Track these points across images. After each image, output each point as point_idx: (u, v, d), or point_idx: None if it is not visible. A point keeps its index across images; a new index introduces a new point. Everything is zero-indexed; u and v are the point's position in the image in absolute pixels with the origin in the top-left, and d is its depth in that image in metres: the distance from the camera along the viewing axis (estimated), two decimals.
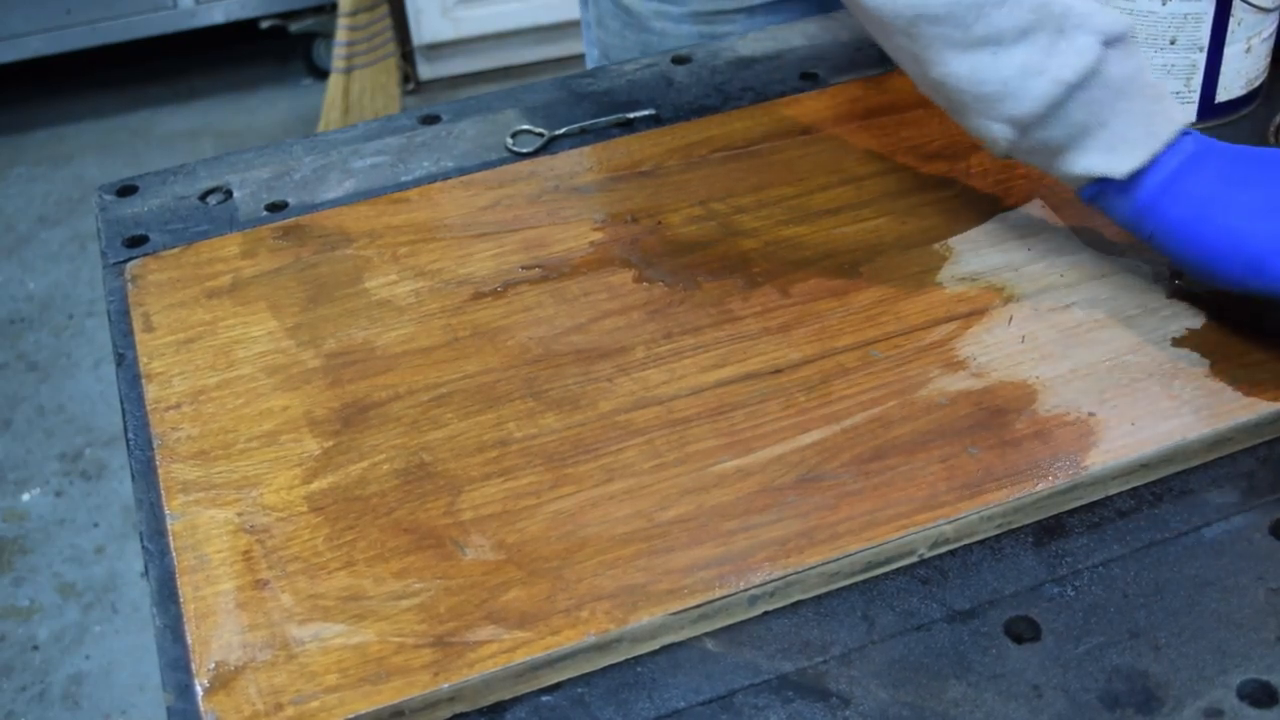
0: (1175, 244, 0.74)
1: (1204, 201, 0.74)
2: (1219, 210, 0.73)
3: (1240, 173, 0.74)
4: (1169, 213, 0.74)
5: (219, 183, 0.96)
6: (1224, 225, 0.73)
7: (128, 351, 0.82)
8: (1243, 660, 0.61)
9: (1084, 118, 0.74)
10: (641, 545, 0.66)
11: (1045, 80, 0.74)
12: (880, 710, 0.60)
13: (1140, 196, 0.75)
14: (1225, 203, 0.73)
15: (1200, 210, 0.74)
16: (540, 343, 0.79)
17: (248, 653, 0.62)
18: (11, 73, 2.74)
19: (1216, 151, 0.75)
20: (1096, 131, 0.75)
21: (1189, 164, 0.74)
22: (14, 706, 1.72)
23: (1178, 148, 0.74)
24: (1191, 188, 0.74)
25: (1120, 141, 0.74)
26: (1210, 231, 0.73)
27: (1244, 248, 0.72)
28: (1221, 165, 0.74)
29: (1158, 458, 0.70)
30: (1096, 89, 0.74)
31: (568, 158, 0.95)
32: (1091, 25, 0.74)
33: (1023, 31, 0.74)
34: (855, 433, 0.72)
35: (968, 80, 0.76)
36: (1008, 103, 0.75)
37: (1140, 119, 0.74)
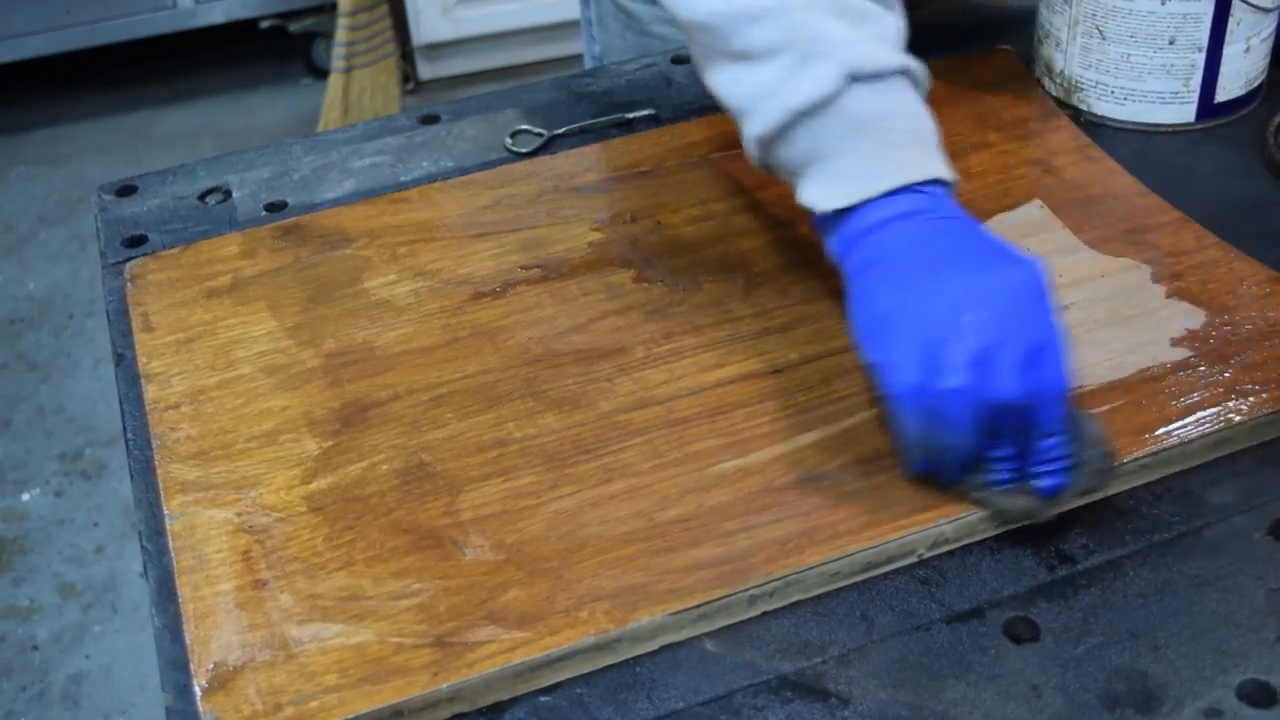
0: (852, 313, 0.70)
1: (870, 261, 0.70)
2: (872, 273, 0.69)
3: (922, 245, 0.69)
4: (849, 261, 0.71)
5: (218, 183, 0.96)
6: (863, 288, 0.69)
7: (127, 351, 0.82)
8: (1242, 660, 0.61)
9: (811, 147, 0.72)
10: (641, 545, 0.66)
11: (777, 103, 0.72)
12: (879, 710, 0.60)
13: (839, 238, 0.72)
14: (881, 268, 0.69)
15: (864, 267, 0.70)
16: (540, 343, 0.79)
17: (247, 653, 0.62)
18: (11, 73, 2.74)
19: (933, 217, 0.70)
20: (820, 163, 0.72)
21: (891, 221, 0.70)
22: (14, 706, 1.72)
23: (892, 200, 0.70)
24: (875, 243, 0.70)
25: (837, 178, 0.72)
26: (854, 291, 0.70)
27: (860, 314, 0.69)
28: (919, 233, 0.69)
29: (1158, 458, 0.70)
30: (827, 120, 0.71)
31: (567, 158, 0.95)
32: (839, 57, 0.71)
33: (771, 51, 0.73)
34: (855, 433, 0.72)
35: (724, 91, 0.76)
36: (748, 119, 0.74)
37: (865, 160, 0.71)
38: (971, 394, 0.64)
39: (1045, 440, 0.65)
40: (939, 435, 0.65)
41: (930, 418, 0.65)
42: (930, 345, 0.64)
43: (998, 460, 0.66)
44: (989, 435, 0.65)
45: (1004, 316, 0.65)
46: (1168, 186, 0.88)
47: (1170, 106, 0.95)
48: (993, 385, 0.64)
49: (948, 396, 0.64)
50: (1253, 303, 0.78)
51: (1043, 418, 0.65)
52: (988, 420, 0.64)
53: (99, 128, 2.80)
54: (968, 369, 0.63)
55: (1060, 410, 0.65)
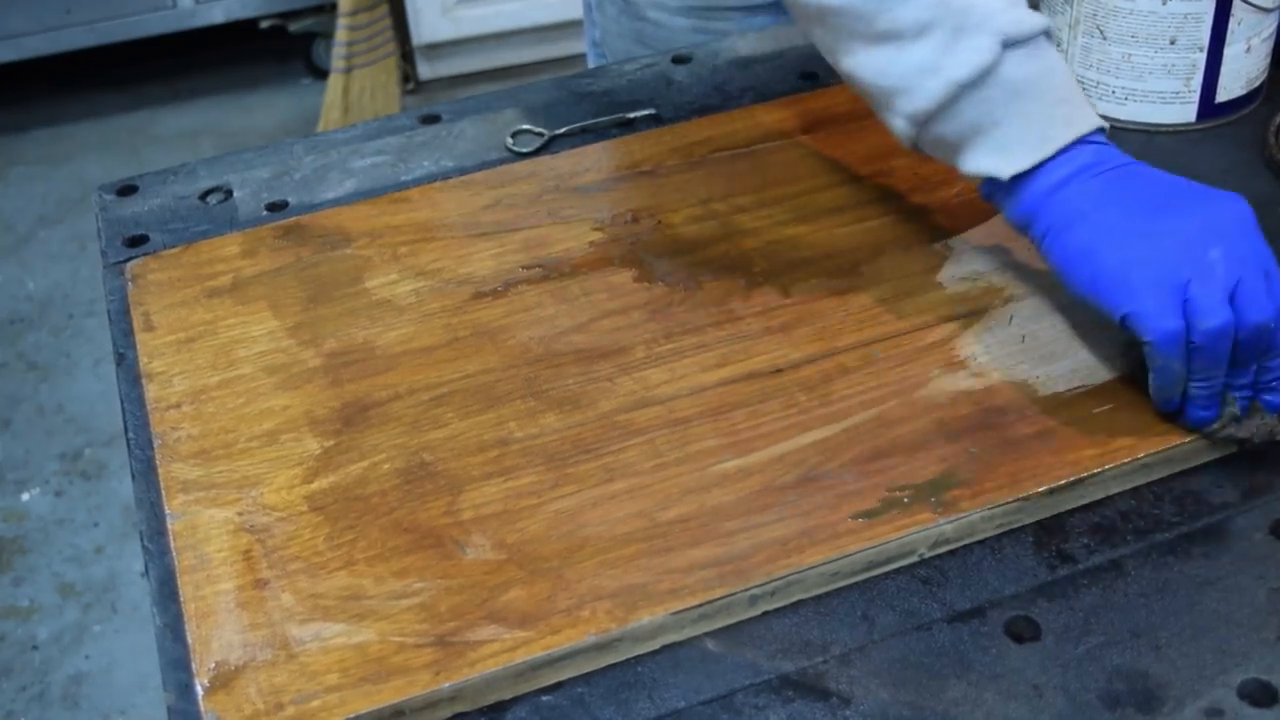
0: (1045, 253, 0.74)
1: (1073, 216, 0.72)
2: (1083, 227, 0.71)
3: (1121, 193, 0.72)
4: (1043, 221, 0.73)
5: (219, 182, 0.96)
6: (1079, 244, 0.71)
7: (128, 351, 0.82)
8: (1243, 660, 0.61)
9: (977, 117, 0.74)
10: (642, 545, 0.66)
11: (940, 78, 0.73)
12: (880, 710, 0.60)
13: (1024, 200, 0.74)
14: (1092, 221, 0.71)
15: (1067, 224, 0.72)
16: (541, 342, 0.79)
17: (248, 652, 0.62)
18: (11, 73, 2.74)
19: (1111, 166, 0.73)
20: (989, 131, 0.74)
21: (1076, 175, 0.72)
22: (14, 706, 1.72)
23: (1070, 156, 0.73)
24: (1069, 199, 0.72)
25: (1010, 143, 0.73)
26: (1068, 247, 0.72)
27: (1086, 269, 0.71)
28: (1108, 182, 0.72)
29: (1158, 458, 0.70)
30: (991, 89, 0.73)
31: (568, 157, 0.95)
32: (991, 26, 0.72)
33: (922, 28, 0.73)
34: (856, 432, 0.72)
35: (870, 73, 0.76)
36: (905, 98, 0.75)
37: (1035, 123, 0.73)
38: (1230, 327, 0.67)
39: (1275, 359, 0.69)
40: (1202, 370, 0.68)
41: (1196, 355, 0.67)
42: (1182, 288, 0.67)
43: (1237, 387, 0.69)
44: (1234, 360, 0.68)
45: (1239, 247, 0.68)
46: None
47: (1171, 106, 0.95)
48: (1247, 314, 0.67)
49: (1213, 334, 0.67)
50: None
51: (1275, 340, 0.68)
52: (1239, 348, 0.67)
53: (99, 128, 2.80)
54: (1225, 305, 0.67)
55: None
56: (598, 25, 1.21)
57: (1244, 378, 0.69)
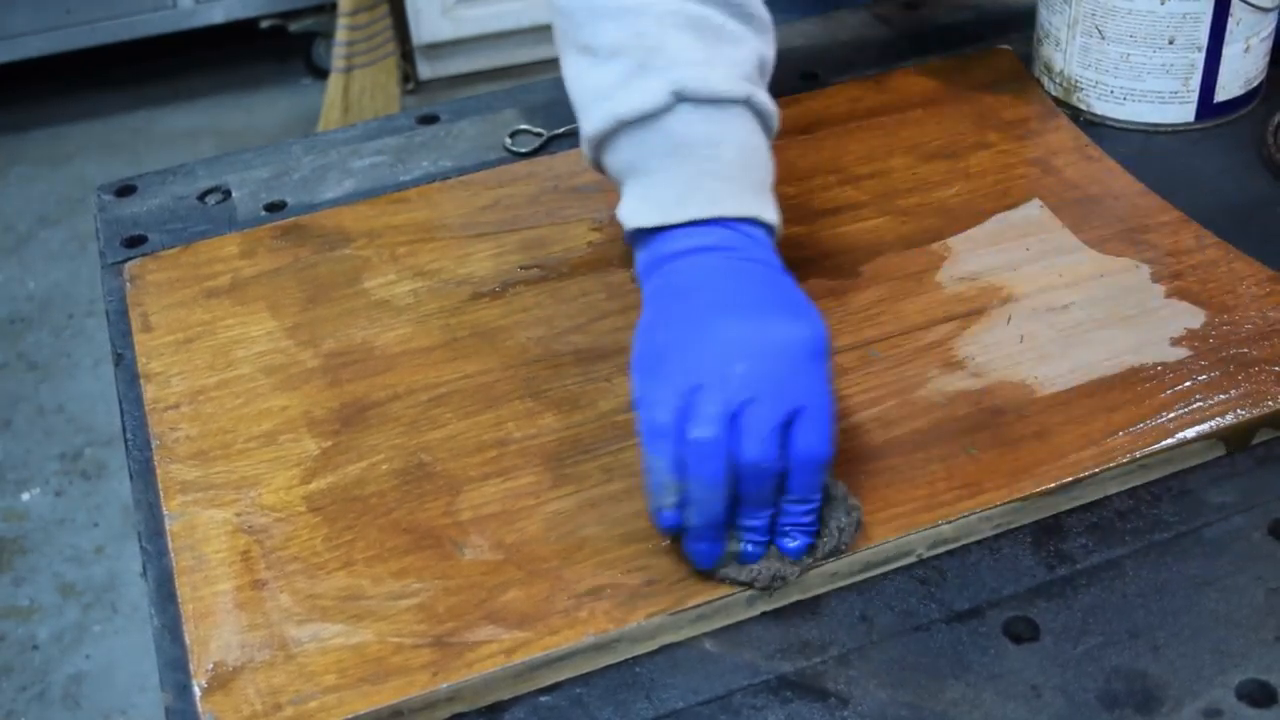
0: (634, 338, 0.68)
1: (660, 290, 0.68)
2: (656, 304, 0.68)
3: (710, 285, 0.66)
4: (649, 283, 0.69)
5: (218, 183, 0.96)
6: (649, 317, 0.67)
7: (126, 351, 0.82)
8: (1241, 660, 0.61)
9: (631, 159, 0.71)
10: (641, 545, 0.66)
11: (608, 106, 0.70)
12: (879, 710, 0.60)
13: (642, 257, 0.71)
14: (666, 300, 0.67)
15: (652, 295, 0.68)
16: (539, 343, 0.79)
17: (246, 653, 0.62)
18: (11, 73, 2.74)
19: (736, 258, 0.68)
20: (638, 177, 0.71)
21: (692, 252, 0.68)
22: (14, 706, 1.72)
23: (702, 230, 0.68)
24: (668, 273, 0.68)
25: (650, 196, 0.70)
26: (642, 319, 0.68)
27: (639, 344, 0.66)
28: (710, 271, 0.67)
29: (1156, 458, 0.70)
30: (651, 135, 0.70)
31: (567, 158, 0.95)
32: (672, 74, 0.69)
33: (614, 52, 0.71)
34: (854, 432, 0.72)
35: (568, 83, 0.75)
36: (583, 116, 0.73)
37: (679, 185, 0.69)
38: (720, 448, 0.60)
39: (795, 505, 0.63)
40: (686, 485, 0.62)
41: (678, 464, 0.61)
42: (690, 390, 0.62)
43: (747, 528, 0.63)
44: (740, 495, 0.62)
45: (771, 373, 0.62)
46: (1167, 186, 0.88)
47: (1170, 106, 0.95)
48: (743, 444, 0.61)
49: (696, 445, 0.61)
50: (1252, 302, 0.78)
51: (795, 483, 0.62)
52: (736, 478, 0.61)
53: (99, 128, 2.80)
54: (719, 421, 0.60)
55: (814, 479, 0.63)
56: None
57: (755, 518, 0.63)
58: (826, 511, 0.64)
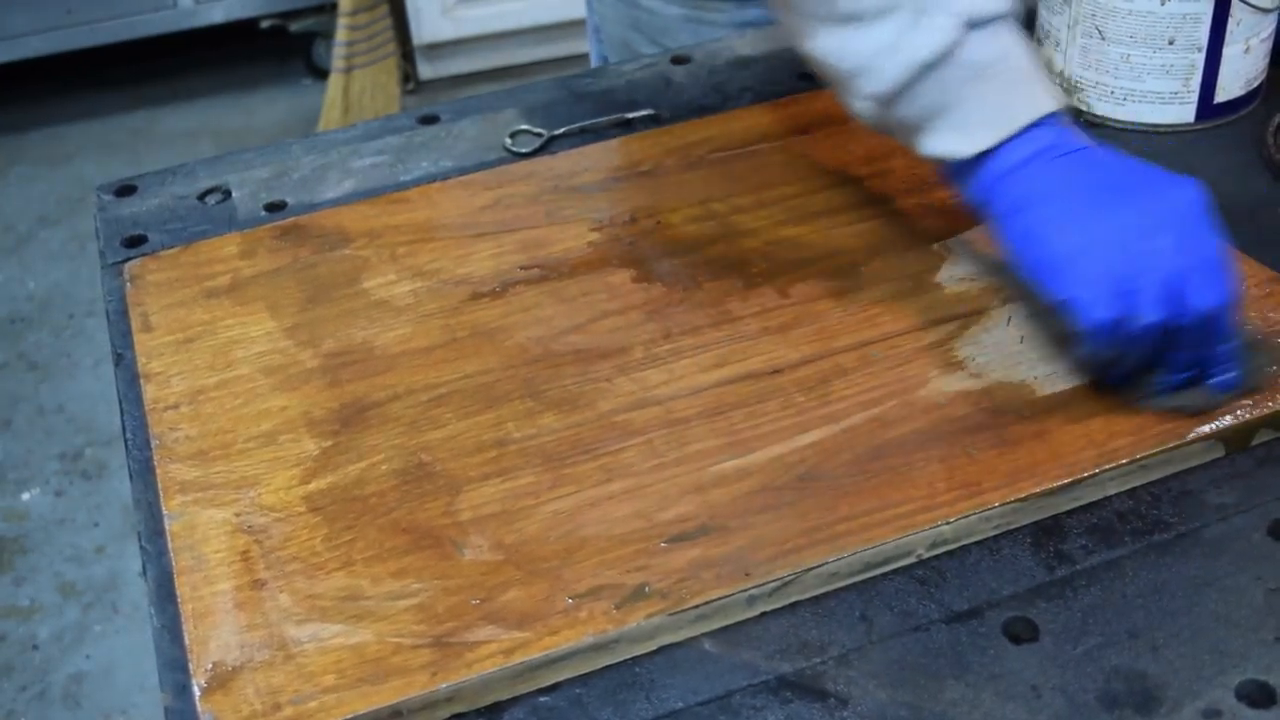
0: (999, 235, 0.74)
1: (1027, 199, 0.72)
2: (1035, 211, 0.71)
3: (1075, 178, 0.71)
4: (999, 202, 0.73)
5: (218, 182, 0.96)
6: (1029, 228, 0.71)
7: (126, 351, 0.82)
8: (1241, 660, 0.61)
9: (937, 98, 0.74)
10: (640, 545, 0.66)
11: (900, 59, 0.73)
12: (878, 711, 0.60)
13: (981, 181, 0.74)
14: (1044, 205, 0.71)
15: (1021, 206, 0.72)
16: (539, 343, 0.79)
17: (245, 653, 0.62)
18: (11, 73, 2.74)
19: (1069, 150, 0.72)
20: (948, 112, 0.74)
21: (1034, 158, 0.72)
22: (14, 706, 1.72)
23: (1029, 137, 0.72)
24: (1025, 181, 0.72)
25: (970, 124, 0.73)
26: (1020, 230, 0.72)
27: (1033, 254, 0.71)
28: (1064, 167, 0.72)
29: (1155, 459, 0.70)
30: (952, 70, 0.73)
31: (567, 158, 0.95)
32: (953, 6, 0.72)
33: (883, 9, 0.73)
34: (854, 433, 0.72)
35: (832, 55, 0.76)
36: (866, 79, 0.75)
37: (994, 103, 0.73)
38: (1164, 321, 0.67)
39: (1222, 345, 0.69)
40: (1131, 359, 0.69)
41: (1126, 344, 0.68)
42: (1121, 279, 0.67)
43: (1177, 366, 0.70)
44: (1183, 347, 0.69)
45: (1181, 241, 0.68)
46: None
47: (1170, 107, 0.95)
48: (1183, 309, 0.67)
49: (1145, 329, 0.67)
50: (1252, 303, 0.78)
51: (1220, 327, 0.69)
52: (1175, 338, 0.68)
53: (99, 128, 2.80)
54: (1160, 301, 0.67)
55: (1232, 317, 0.69)
56: (596, 12, 1.22)
57: (1180, 356, 0.70)
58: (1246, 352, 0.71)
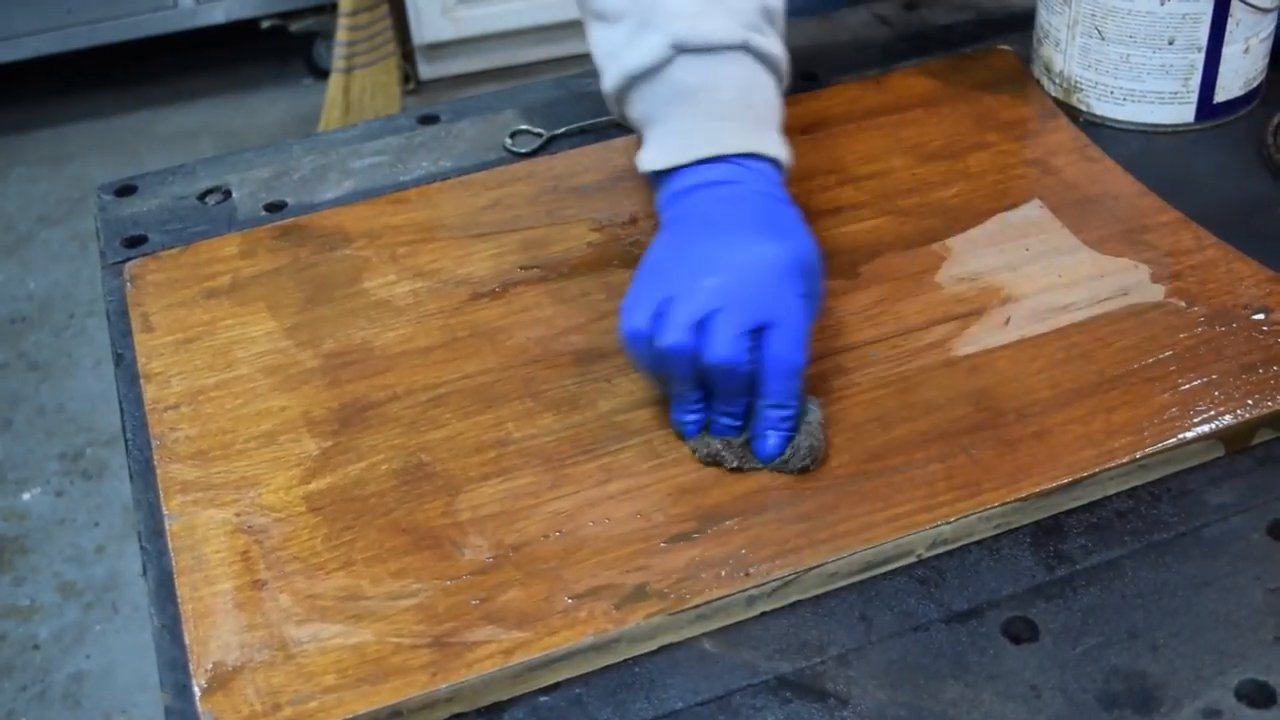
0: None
1: (671, 220, 0.74)
2: (664, 232, 0.74)
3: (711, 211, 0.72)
4: (661, 221, 0.75)
5: (218, 183, 0.96)
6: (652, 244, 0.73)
7: (126, 352, 0.82)
8: (1241, 660, 0.61)
9: (645, 110, 0.78)
10: (640, 545, 0.66)
11: (618, 66, 0.78)
12: (878, 711, 0.60)
13: (659, 196, 0.77)
14: (673, 228, 0.73)
15: (665, 226, 0.74)
16: (539, 343, 0.79)
17: (246, 653, 0.62)
18: (11, 73, 2.74)
19: (728, 193, 0.73)
20: (652, 126, 0.77)
21: (697, 188, 0.74)
22: (14, 706, 1.72)
23: (703, 169, 0.74)
24: (679, 206, 0.74)
25: (662, 142, 0.76)
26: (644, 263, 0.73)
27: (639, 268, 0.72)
28: (712, 199, 0.73)
29: (1156, 458, 0.70)
30: (657, 87, 0.76)
31: (567, 158, 0.95)
32: (670, 28, 0.75)
33: (618, 15, 0.78)
34: (854, 433, 0.72)
35: (590, 48, 0.81)
36: (601, 77, 0.80)
37: (685, 129, 0.75)
38: (685, 351, 0.68)
39: (770, 410, 0.69)
40: (665, 382, 0.71)
41: (656, 363, 0.69)
42: (664, 301, 0.69)
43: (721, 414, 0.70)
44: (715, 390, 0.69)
45: (741, 286, 0.68)
46: (1167, 187, 0.88)
47: (1169, 107, 0.95)
48: (708, 347, 0.68)
49: (663, 351, 0.68)
50: (1252, 303, 0.78)
51: (768, 389, 0.69)
52: (708, 377, 0.69)
53: (99, 128, 2.80)
54: (686, 329, 0.68)
55: (786, 385, 0.69)
56: None
57: (727, 410, 0.70)
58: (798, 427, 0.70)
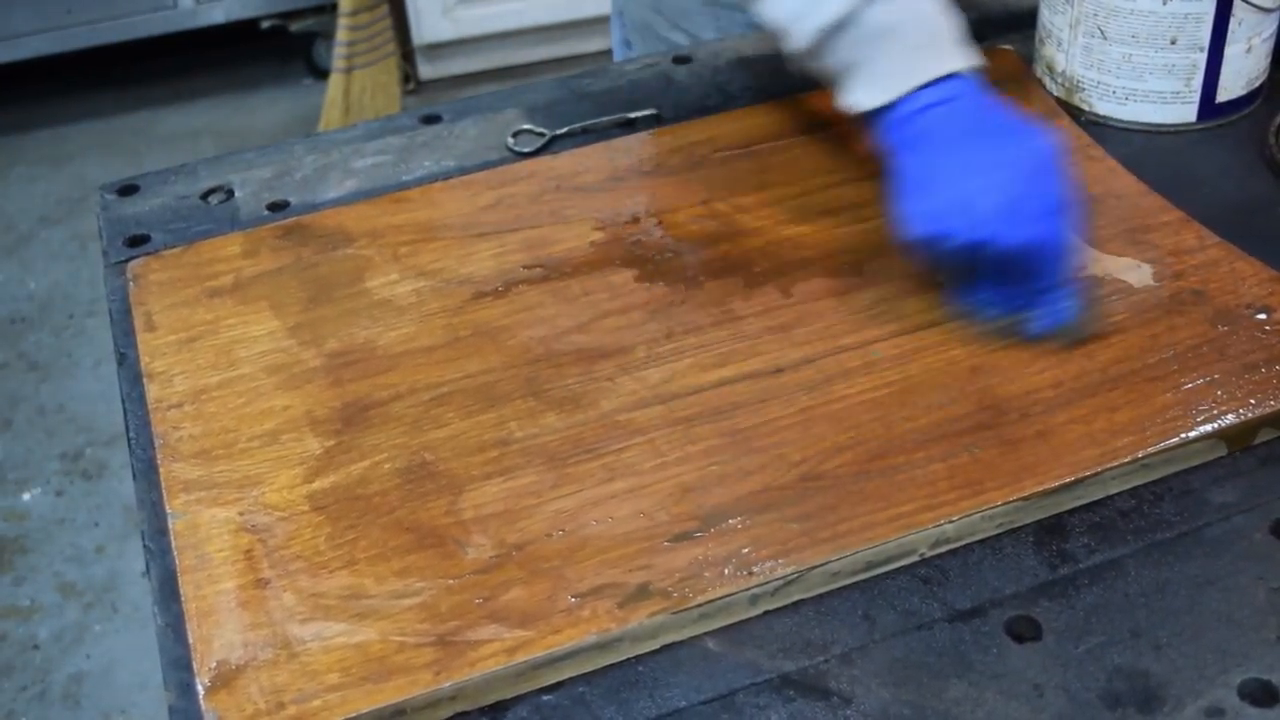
0: (894, 185, 0.80)
1: (907, 142, 0.80)
2: (908, 151, 0.79)
3: (951, 125, 0.79)
4: (891, 145, 0.81)
5: (220, 182, 0.96)
6: (900, 163, 0.79)
7: (129, 351, 0.82)
8: (1243, 659, 0.61)
9: (845, 57, 0.82)
10: (643, 544, 0.66)
11: (808, 24, 0.82)
12: (881, 709, 0.60)
13: (882, 128, 0.82)
14: (915, 147, 0.79)
15: (902, 148, 0.80)
16: (541, 342, 0.79)
17: (249, 651, 0.62)
18: (11, 73, 2.74)
19: (968, 106, 0.79)
20: (858, 70, 0.82)
21: (925, 109, 0.79)
22: (14, 706, 1.72)
23: (925, 92, 0.79)
24: (910, 128, 0.80)
25: (873, 80, 0.81)
26: (895, 166, 0.79)
27: (899, 181, 0.78)
28: (946, 114, 0.79)
29: (1159, 457, 0.70)
30: (856, 32, 0.81)
31: (569, 157, 0.95)
32: None
33: None
34: (856, 432, 0.72)
35: (767, 13, 0.85)
36: (786, 40, 0.84)
37: (899, 61, 0.80)
38: (1000, 238, 0.74)
39: (1045, 283, 0.76)
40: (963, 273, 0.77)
41: (946, 259, 0.77)
42: (946, 203, 0.76)
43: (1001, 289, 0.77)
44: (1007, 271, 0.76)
45: (1023, 176, 0.76)
46: (1169, 186, 0.88)
47: (1171, 106, 0.95)
48: (1015, 231, 0.74)
49: (957, 248, 0.75)
50: (1254, 302, 0.78)
51: (1051, 268, 0.76)
52: (999, 264, 0.75)
53: (99, 128, 2.80)
54: (974, 227, 0.74)
55: (1065, 264, 0.76)
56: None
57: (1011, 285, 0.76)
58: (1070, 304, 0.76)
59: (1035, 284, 0.76)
